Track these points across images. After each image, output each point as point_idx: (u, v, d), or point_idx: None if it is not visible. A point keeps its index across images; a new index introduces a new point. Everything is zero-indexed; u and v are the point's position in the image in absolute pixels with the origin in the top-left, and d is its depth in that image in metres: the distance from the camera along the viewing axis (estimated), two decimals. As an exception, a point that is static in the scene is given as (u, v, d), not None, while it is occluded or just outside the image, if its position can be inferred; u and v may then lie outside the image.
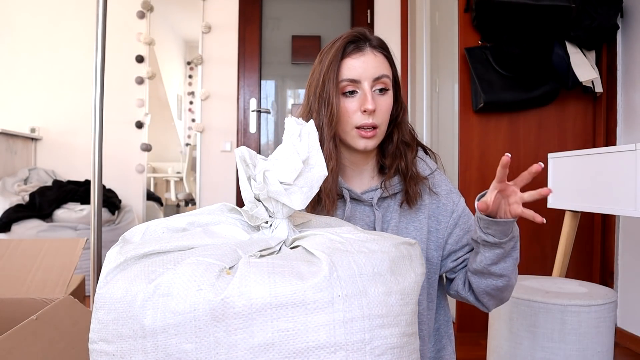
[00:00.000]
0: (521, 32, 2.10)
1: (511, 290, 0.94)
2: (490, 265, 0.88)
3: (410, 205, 0.95)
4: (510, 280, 0.91)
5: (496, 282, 0.90)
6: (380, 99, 0.90)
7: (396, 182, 0.95)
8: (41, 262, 1.36)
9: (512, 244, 0.87)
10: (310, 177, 0.68)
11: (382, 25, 3.47)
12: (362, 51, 0.90)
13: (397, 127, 0.96)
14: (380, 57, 0.91)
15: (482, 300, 0.95)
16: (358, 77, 0.89)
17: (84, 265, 2.37)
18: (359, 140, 0.90)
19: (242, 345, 0.54)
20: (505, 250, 0.86)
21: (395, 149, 0.95)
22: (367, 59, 0.90)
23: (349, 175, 0.97)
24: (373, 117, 0.89)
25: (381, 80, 0.90)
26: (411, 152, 0.96)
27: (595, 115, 2.33)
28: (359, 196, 0.94)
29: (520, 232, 0.89)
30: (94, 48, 1.52)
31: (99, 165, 1.53)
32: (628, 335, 2.11)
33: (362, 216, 0.95)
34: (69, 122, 3.46)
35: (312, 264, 0.59)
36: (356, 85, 0.90)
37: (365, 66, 0.89)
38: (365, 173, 0.98)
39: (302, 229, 0.74)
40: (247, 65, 3.50)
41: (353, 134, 0.90)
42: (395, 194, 0.96)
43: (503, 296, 0.94)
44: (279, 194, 0.66)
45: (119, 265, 0.61)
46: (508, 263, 0.88)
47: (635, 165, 1.43)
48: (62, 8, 3.48)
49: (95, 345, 0.60)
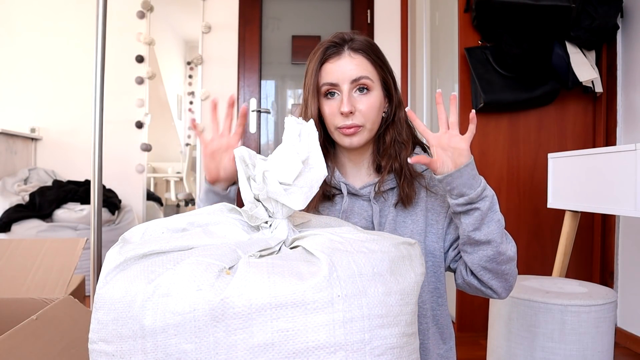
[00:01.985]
0: (521, 32, 2.10)
1: (509, 261, 0.91)
2: (473, 231, 0.87)
3: (405, 206, 0.96)
4: (500, 246, 0.88)
5: (485, 251, 0.88)
6: (361, 99, 0.93)
7: (391, 178, 0.97)
8: (41, 262, 1.36)
9: (486, 204, 0.86)
10: (310, 178, 0.68)
11: (382, 25, 3.47)
12: (339, 55, 0.94)
13: (391, 127, 0.98)
14: (359, 59, 0.93)
15: (484, 279, 0.92)
16: (336, 80, 0.93)
17: (84, 265, 2.37)
18: (342, 139, 0.94)
19: (242, 346, 0.54)
20: (482, 212, 0.86)
21: (390, 149, 0.97)
22: (343, 62, 0.93)
23: (348, 171, 1.01)
24: (352, 118, 0.92)
25: (360, 81, 0.92)
26: (406, 151, 0.97)
27: (595, 115, 2.33)
28: (356, 191, 0.97)
29: (520, 232, 0.89)
30: (94, 48, 1.52)
31: (99, 165, 1.53)
32: (628, 335, 2.11)
33: (360, 210, 0.97)
34: (69, 122, 3.46)
35: (312, 264, 0.59)
36: (335, 87, 0.93)
37: (341, 69, 0.93)
38: (362, 170, 1.00)
39: (302, 229, 0.74)
40: (247, 65, 3.50)
41: (336, 133, 0.95)
42: (393, 188, 0.98)
43: (502, 269, 0.90)
44: (278, 195, 0.66)
45: (119, 265, 0.61)
46: (492, 227, 0.87)
47: (635, 165, 1.43)
48: (62, 8, 3.48)
49: (95, 346, 0.60)
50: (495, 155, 2.29)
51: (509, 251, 0.90)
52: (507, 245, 0.90)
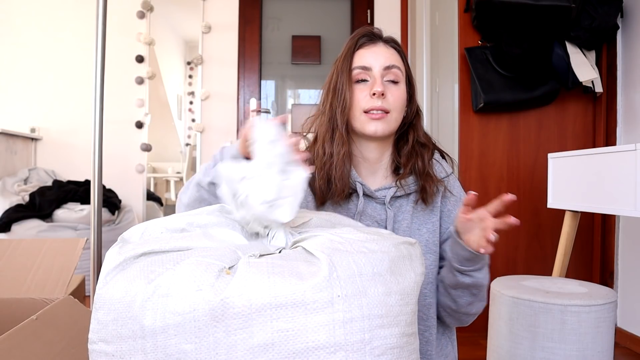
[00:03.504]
0: (521, 32, 2.10)
1: (470, 314, 0.95)
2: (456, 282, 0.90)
3: (426, 204, 0.95)
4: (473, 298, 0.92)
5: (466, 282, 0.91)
6: (391, 87, 0.93)
7: (411, 182, 0.95)
8: (41, 262, 1.36)
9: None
10: (291, 185, 0.67)
11: (382, 25, 3.41)
12: (374, 42, 0.95)
13: (412, 128, 0.97)
14: (392, 51, 0.95)
15: (454, 295, 0.94)
16: (369, 64, 0.93)
17: (84, 265, 2.37)
18: (368, 124, 0.91)
19: (242, 346, 0.54)
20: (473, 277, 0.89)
21: (411, 149, 0.96)
22: (378, 49, 0.94)
23: (363, 172, 0.98)
24: (382, 100, 0.91)
25: (392, 70, 0.93)
26: (428, 152, 0.97)
27: (595, 115, 2.32)
28: (372, 192, 0.95)
29: (520, 232, 0.90)
30: (94, 48, 1.52)
31: (99, 165, 1.53)
32: (628, 335, 2.11)
33: (374, 213, 0.95)
34: (69, 122, 3.46)
35: (312, 264, 0.59)
36: (367, 72, 0.93)
37: (376, 55, 0.93)
38: (379, 171, 0.98)
39: (302, 229, 0.73)
40: (247, 65, 3.50)
41: (362, 118, 0.92)
42: (409, 194, 0.95)
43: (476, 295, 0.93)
44: (263, 214, 0.66)
45: (119, 265, 0.61)
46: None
47: (635, 165, 1.43)
48: (62, 8, 3.48)
49: (94, 346, 0.60)
50: (495, 155, 2.29)
51: (473, 309, 0.94)
52: (478, 303, 0.93)
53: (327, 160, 0.93)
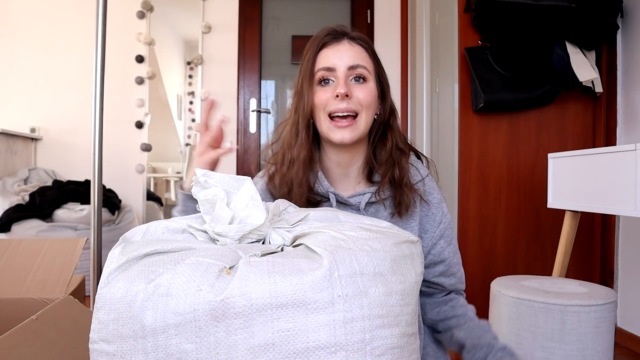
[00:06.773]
0: (521, 32, 2.10)
1: None
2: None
3: (401, 217, 0.92)
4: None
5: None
6: (356, 87, 0.88)
7: (387, 188, 0.92)
8: (41, 262, 1.36)
9: None
10: (243, 194, 0.68)
11: (382, 25, 3.47)
12: (338, 41, 0.90)
13: (390, 132, 0.93)
14: (358, 49, 0.90)
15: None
16: (332, 64, 0.88)
17: (84, 265, 2.37)
18: (334, 133, 0.87)
19: (243, 346, 0.54)
20: None
21: (389, 157, 0.91)
22: (342, 47, 0.89)
23: (334, 177, 0.94)
24: (348, 102, 0.86)
25: (357, 70, 0.88)
26: (405, 158, 0.93)
27: (595, 115, 2.32)
28: (345, 200, 0.91)
29: (520, 232, 0.89)
30: (94, 48, 1.52)
31: (99, 165, 1.53)
32: (628, 335, 2.11)
33: None
34: (69, 122, 3.46)
35: (314, 260, 0.59)
36: (331, 73, 0.88)
37: (340, 54, 0.88)
38: (351, 175, 0.94)
39: (301, 223, 0.73)
40: (247, 65, 3.50)
41: (327, 124, 0.88)
42: (385, 199, 0.92)
43: None
44: (241, 230, 0.67)
45: (121, 265, 0.61)
46: None
47: (635, 165, 1.43)
48: (62, 8, 3.48)
49: (95, 345, 0.60)
50: (495, 155, 2.29)
51: None
52: None
53: (289, 167, 0.89)
